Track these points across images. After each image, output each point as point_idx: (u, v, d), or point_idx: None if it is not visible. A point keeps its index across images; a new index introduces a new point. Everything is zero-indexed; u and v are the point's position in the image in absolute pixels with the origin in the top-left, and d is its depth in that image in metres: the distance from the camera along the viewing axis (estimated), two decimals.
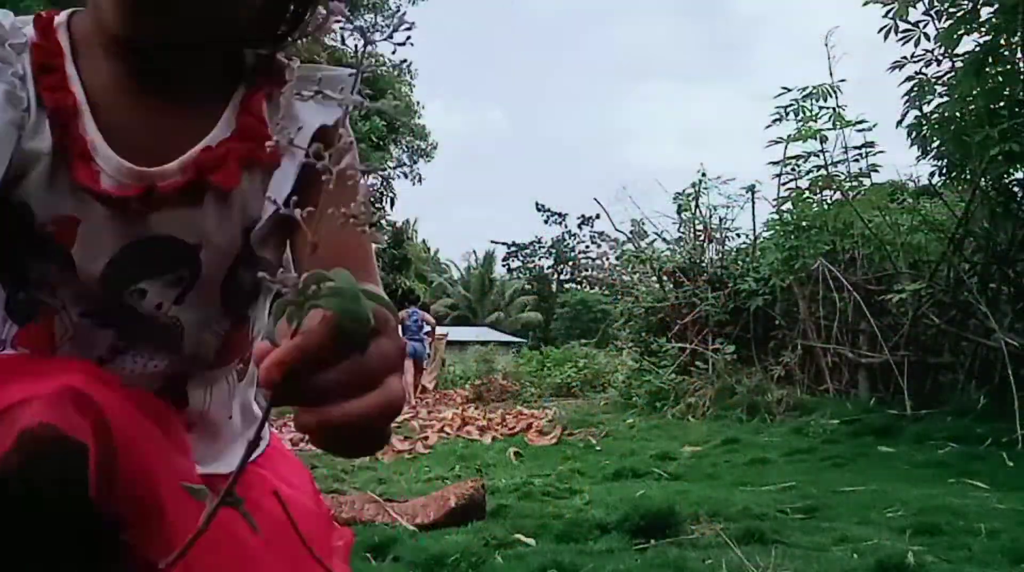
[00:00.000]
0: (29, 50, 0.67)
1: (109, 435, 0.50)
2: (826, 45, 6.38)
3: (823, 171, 6.62)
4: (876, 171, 6.56)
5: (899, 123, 5.80)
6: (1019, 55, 5.09)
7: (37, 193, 0.65)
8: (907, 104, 5.67)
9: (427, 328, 12.84)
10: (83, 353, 0.68)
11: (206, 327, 0.72)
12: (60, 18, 0.71)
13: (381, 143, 18.20)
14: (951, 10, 5.08)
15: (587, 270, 35.17)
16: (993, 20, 4.89)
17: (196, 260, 0.69)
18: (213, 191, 0.68)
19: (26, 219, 0.65)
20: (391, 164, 20.66)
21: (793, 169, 6.92)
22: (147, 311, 0.69)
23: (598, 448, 5.71)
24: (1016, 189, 5.72)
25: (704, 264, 9.12)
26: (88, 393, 0.51)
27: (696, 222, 9.51)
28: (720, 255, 9.27)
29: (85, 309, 0.68)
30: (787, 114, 6.49)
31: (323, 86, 0.42)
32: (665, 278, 9.28)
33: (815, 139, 6.45)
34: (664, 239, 10.29)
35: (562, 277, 39.54)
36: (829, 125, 6.38)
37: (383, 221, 19.90)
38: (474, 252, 35.37)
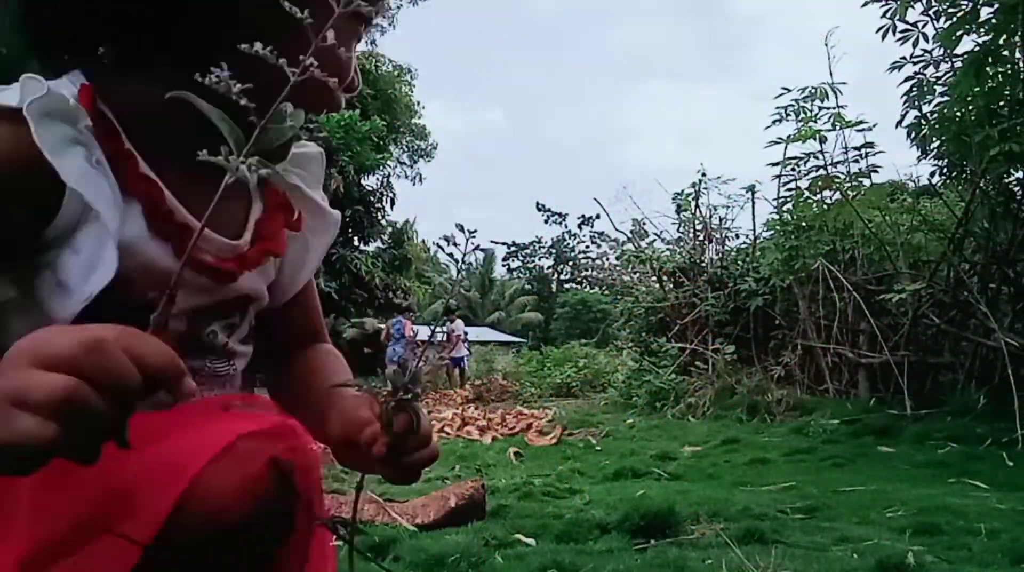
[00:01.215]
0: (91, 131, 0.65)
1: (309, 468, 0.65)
2: (826, 45, 6.38)
3: (823, 171, 6.62)
4: (876, 171, 6.56)
5: (899, 123, 5.81)
6: (1019, 55, 5.09)
7: (132, 276, 0.67)
8: (907, 104, 5.67)
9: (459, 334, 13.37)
10: None
11: (242, 360, 0.85)
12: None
13: (381, 143, 18.20)
14: (950, 10, 5.08)
15: (587, 270, 35.18)
16: (993, 20, 4.89)
17: (247, 309, 0.83)
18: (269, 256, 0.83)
19: (119, 297, 0.65)
20: (391, 164, 20.66)
21: (793, 169, 6.92)
22: (217, 348, 0.80)
23: (598, 448, 5.71)
24: (1016, 189, 5.71)
25: (704, 264, 9.12)
26: (289, 428, 0.65)
27: (696, 222, 9.52)
28: (720, 255, 9.27)
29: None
30: (787, 114, 6.49)
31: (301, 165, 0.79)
32: (665, 278, 9.28)
33: (815, 140, 6.45)
34: (663, 239, 10.31)
35: (562, 277, 39.53)
36: (829, 126, 6.38)
37: (383, 221, 19.89)
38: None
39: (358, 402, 0.75)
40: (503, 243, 39.92)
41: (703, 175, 9.20)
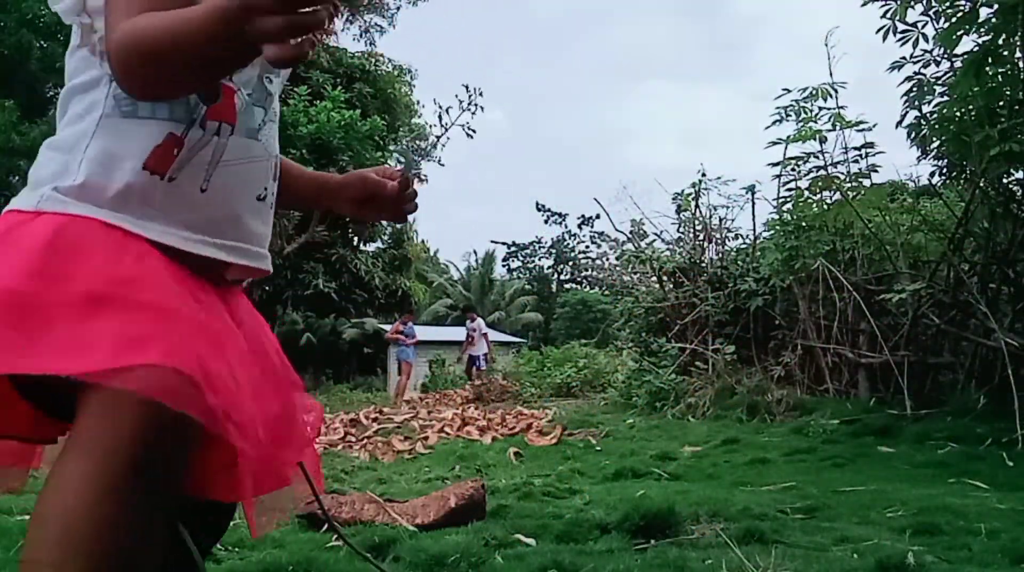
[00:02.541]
0: None
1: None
2: (826, 45, 6.39)
3: (823, 171, 6.62)
4: (876, 171, 6.56)
5: (899, 123, 5.81)
6: (1019, 55, 5.09)
7: None
8: (907, 104, 5.67)
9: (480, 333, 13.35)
10: (249, 123, 0.96)
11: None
12: None
13: (381, 142, 18.18)
14: (949, 11, 5.08)
15: (587, 270, 35.20)
16: (993, 20, 4.89)
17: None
18: None
19: None
20: (391, 163, 20.64)
21: (793, 169, 6.91)
22: (273, 91, 1.01)
23: (598, 448, 5.70)
24: (1016, 189, 5.72)
25: (704, 264, 9.12)
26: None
27: (696, 222, 9.51)
28: (720, 255, 9.27)
29: (249, 92, 0.97)
30: (787, 115, 6.48)
31: None
32: (665, 278, 9.27)
33: (815, 140, 6.45)
34: (663, 239, 10.30)
35: (562, 277, 39.52)
36: (829, 126, 6.38)
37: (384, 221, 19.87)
38: (474, 252, 35.33)
39: (367, 174, 1.17)
40: (503, 243, 39.93)
41: (703, 175, 9.20)
